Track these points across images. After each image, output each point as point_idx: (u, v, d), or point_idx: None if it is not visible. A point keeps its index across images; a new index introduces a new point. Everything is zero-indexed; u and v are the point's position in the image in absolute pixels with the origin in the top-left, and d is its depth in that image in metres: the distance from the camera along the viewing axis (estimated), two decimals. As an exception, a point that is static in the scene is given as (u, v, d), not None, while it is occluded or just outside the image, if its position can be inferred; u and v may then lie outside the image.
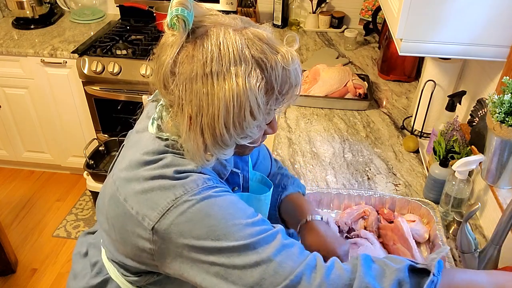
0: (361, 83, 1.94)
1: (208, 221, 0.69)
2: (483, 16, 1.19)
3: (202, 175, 0.74)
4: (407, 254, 1.22)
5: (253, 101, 0.67)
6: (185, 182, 0.72)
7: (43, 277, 2.32)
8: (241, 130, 0.70)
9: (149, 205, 0.72)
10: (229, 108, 0.66)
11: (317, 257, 0.73)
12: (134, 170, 0.76)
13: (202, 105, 0.66)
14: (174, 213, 0.70)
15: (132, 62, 2.37)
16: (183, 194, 0.71)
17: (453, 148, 1.37)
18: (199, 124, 0.68)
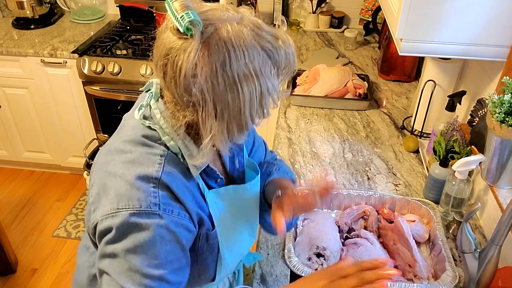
0: (361, 83, 1.94)
1: (123, 246, 0.74)
2: (483, 16, 1.19)
3: (152, 189, 0.75)
4: (407, 254, 1.22)
5: (270, 87, 0.73)
6: (132, 195, 0.74)
7: (43, 277, 2.32)
8: (262, 114, 0.75)
9: (102, 202, 0.77)
10: (252, 99, 0.71)
11: None
12: (108, 157, 0.81)
13: (228, 102, 0.70)
14: (109, 223, 0.75)
15: (132, 62, 2.37)
16: (123, 207, 0.74)
17: (453, 148, 1.37)
18: (225, 119, 0.72)
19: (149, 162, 0.77)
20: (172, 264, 0.77)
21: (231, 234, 0.92)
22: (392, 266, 1.22)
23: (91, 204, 0.80)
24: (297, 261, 1.18)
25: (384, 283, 0.75)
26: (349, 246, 1.27)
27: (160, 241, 0.75)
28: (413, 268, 1.20)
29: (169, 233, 0.75)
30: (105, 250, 0.76)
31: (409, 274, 1.20)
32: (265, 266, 1.19)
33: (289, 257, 1.19)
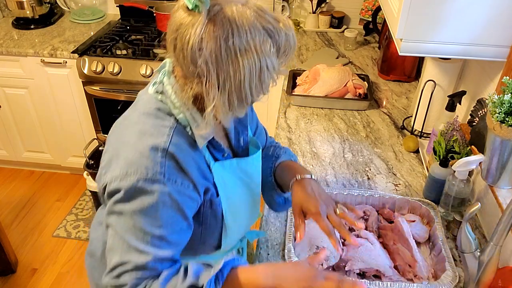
0: (361, 83, 1.94)
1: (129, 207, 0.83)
2: (483, 16, 1.19)
3: (160, 159, 0.82)
4: (407, 254, 1.22)
5: (269, 63, 0.79)
6: (141, 163, 0.82)
7: (43, 277, 2.32)
8: (261, 89, 0.82)
9: (112, 167, 0.85)
10: (252, 72, 0.78)
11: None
12: (123, 127, 0.90)
13: (229, 73, 0.77)
14: (118, 185, 0.83)
15: (132, 62, 2.37)
16: (132, 173, 0.82)
17: (453, 148, 1.37)
18: (227, 90, 0.78)
19: (159, 134, 0.84)
20: (173, 227, 0.85)
21: (234, 203, 0.99)
22: (392, 266, 1.23)
23: (102, 168, 0.89)
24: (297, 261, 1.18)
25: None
26: (349, 246, 1.27)
27: (162, 206, 0.83)
28: (413, 268, 1.20)
29: (171, 200, 0.83)
30: (113, 208, 0.85)
31: (409, 274, 1.20)
32: (265, 266, 1.19)
33: (289, 257, 1.19)
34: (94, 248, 1.12)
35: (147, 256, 0.83)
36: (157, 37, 2.59)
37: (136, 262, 0.83)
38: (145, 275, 0.84)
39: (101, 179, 0.88)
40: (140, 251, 0.83)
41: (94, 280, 1.14)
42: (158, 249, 0.84)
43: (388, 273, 1.19)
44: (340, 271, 1.22)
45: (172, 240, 0.86)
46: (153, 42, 2.54)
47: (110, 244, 0.87)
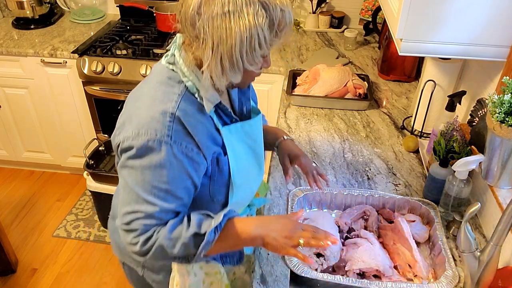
0: (361, 83, 1.94)
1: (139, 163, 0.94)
2: (483, 16, 1.19)
3: (168, 123, 0.91)
4: (407, 254, 1.22)
5: (260, 34, 0.85)
6: (151, 125, 0.91)
7: (43, 277, 2.32)
8: (251, 57, 0.88)
9: (126, 128, 0.95)
10: (243, 39, 0.84)
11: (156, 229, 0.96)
12: (137, 95, 1.00)
13: (223, 37, 0.84)
14: (130, 143, 0.92)
15: (132, 62, 2.37)
16: (143, 133, 0.91)
17: (453, 148, 1.37)
18: (219, 53, 0.86)
19: (168, 100, 0.94)
20: (177, 184, 0.95)
21: (241, 163, 1.08)
22: (392, 266, 1.23)
23: (117, 129, 0.99)
24: (297, 261, 1.18)
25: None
26: (349, 246, 1.27)
27: (168, 165, 0.92)
28: (413, 268, 1.20)
29: (176, 160, 0.93)
30: (126, 163, 0.95)
31: (409, 274, 1.20)
32: (265, 266, 1.19)
33: (289, 257, 1.19)
34: (115, 212, 1.22)
35: (154, 207, 0.94)
36: (157, 37, 2.59)
37: (145, 211, 0.94)
38: (153, 223, 0.95)
39: (115, 138, 0.98)
40: (148, 202, 0.94)
41: (115, 240, 1.24)
42: (164, 201, 0.95)
43: (388, 273, 1.19)
44: (340, 271, 1.22)
45: (177, 195, 0.96)
46: (153, 42, 2.54)
47: (122, 195, 0.98)
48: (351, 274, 1.20)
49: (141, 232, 0.96)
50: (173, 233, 0.95)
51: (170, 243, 0.96)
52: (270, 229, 0.98)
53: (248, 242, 1.01)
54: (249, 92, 1.12)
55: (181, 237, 0.95)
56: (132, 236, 0.97)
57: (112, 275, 2.33)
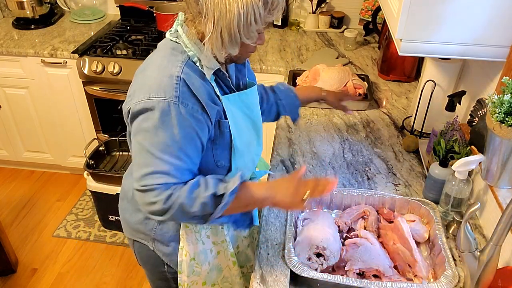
0: (361, 83, 1.94)
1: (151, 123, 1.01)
2: (483, 16, 1.19)
3: (175, 85, 1.00)
4: (407, 254, 1.22)
5: (256, 10, 0.95)
6: (160, 88, 1.00)
7: (43, 277, 2.32)
8: (247, 31, 0.97)
9: (137, 94, 1.03)
10: (240, 14, 0.94)
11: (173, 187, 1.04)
12: (146, 65, 1.08)
13: (222, 12, 0.93)
14: (143, 106, 1.00)
15: (132, 62, 2.37)
16: (154, 96, 1.00)
17: (453, 148, 1.37)
18: (220, 26, 0.95)
19: (173, 66, 1.03)
20: (189, 141, 1.03)
21: (241, 129, 1.15)
22: (392, 266, 1.23)
23: (128, 97, 1.07)
24: (297, 261, 1.18)
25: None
26: (349, 246, 1.27)
27: (179, 124, 1.01)
28: (413, 268, 1.20)
29: (184, 120, 1.01)
30: (140, 127, 1.02)
31: (409, 274, 1.20)
32: (265, 266, 1.20)
33: (289, 257, 1.19)
34: (126, 191, 1.30)
35: (170, 165, 1.02)
36: (157, 37, 2.59)
37: (162, 170, 1.01)
38: (170, 181, 1.03)
39: (127, 105, 1.06)
40: (164, 160, 1.01)
41: (126, 219, 1.31)
42: (178, 159, 1.02)
43: (388, 273, 1.19)
44: (340, 271, 1.22)
45: (189, 153, 1.04)
46: (153, 42, 2.54)
47: (138, 159, 1.04)
48: (351, 274, 1.20)
49: (161, 191, 1.02)
50: (193, 193, 1.04)
51: (190, 202, 1.03)
52: (278, 190, 1.10)
53: (259, 203, 1.14)
54: (244, 70, 1.22)
55: (200, 196, 1.04)
56: (152, 195, 1.03)
57: (112, 275, 2.33)
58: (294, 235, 1.29)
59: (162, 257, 1.28)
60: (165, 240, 1.26)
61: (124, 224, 1.34)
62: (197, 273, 1.29)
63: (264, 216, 1.35)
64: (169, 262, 1.29)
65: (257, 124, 1.23)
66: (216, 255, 1.31)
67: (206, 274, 1.31)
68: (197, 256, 1.26)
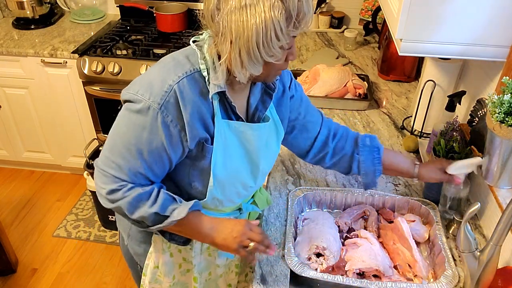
0: (361, 83, 1.94)
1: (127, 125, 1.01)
2: (483, 16, 1.19)
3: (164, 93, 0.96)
4: (407, 254, 1.22)
5: (277, 25, 0.87)
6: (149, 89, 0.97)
7: (43, 277, 2.32)
8: (268, 49, 0.90)
9: (132, 86, 1.01)
10: (259, 32, 0.86)
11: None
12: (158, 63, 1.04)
13: (240, 30, 0.87)
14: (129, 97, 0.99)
15: (132, 62, 2.37)
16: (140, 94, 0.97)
17: (453, 148, 1.37)
18: (238, 45, 0.89)
19: (174, 73, 0.98)
20: (152, 150, 0.99)
21: (230, 161, 1.08)
22: (392, 266, 1.23)
23: (129, 84, 1.03)
24: (297, 261, 1.18)
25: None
26: (349, 246, 1.27)
27: (149, 129, 0.97)
28: (413, 268, 1.20)
29: (157, 128, 0.97)
30: (121, 112, 1.02)
31: (409, 274, 1.20)
32: (265, 266, 1.20)
33: (289, 257, 1.19)
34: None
35: (126, 163, 1.00)
36: (157, 37, 2.60)
37: (117, 164, 1.00)
38: (121, 177, 1.01)
39: (124, 91, 1.03)
40: (122, 155, 1.00)
41: (120, 218, 1.27)
42: (135, 160, 0.99)
43: (388, 273, 1.19)
44: (340, 271, 1.22)
45: (150, 162, 1.01)
46: (153, 42, 2.54)
47: (109, 138, 1.03)
48: (351, 274, 1.20)
49: (110, 181, 1.01)
50: (138, 203, 1.02)
51: (131, 209, 1.02)
52: (220, 231, 1.06)
53: (200, 239, 1.11)
54: (269, 102, 1.12)
55: (142, 209, 1.02)
56: (102, 181, 1.03)
57: (112, 275, 2.33)
58: (294, 235, 1.29)
59: (133, 255, 1.28)
60: (138, 240, 1.25)
61: (119, 221, 1.33)
62: (159, 282, 1.28)
63: (264, 216, 1.35)
64: (139, 262, 1.29)
65: (254, 160, 1.13)
66: (185, 272, 1.28)
67: (168, 286, 1.29)
68: (161, 266, 1.25)
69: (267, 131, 1.13)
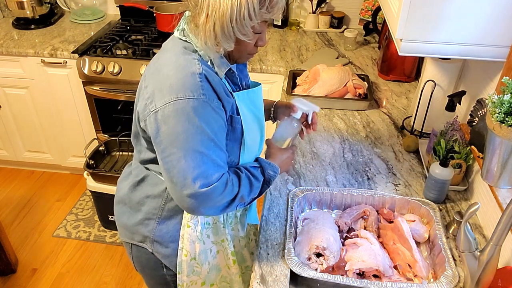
0: (361, 83, 1.94)
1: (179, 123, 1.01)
2: (483, 16, 1.19)
3: (200, 83, 1.00)
4: (407, 254, 1.22)
5: (250, 5, 0.95)
6: (186, 88, 0.99)
7: (43, 277, 2.32)
8: (241, 26, 0.97)
9: (158, 96, 1.02)
10: (233, 8, 0.94)
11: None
12: (159, 66, 1.06)
13: (216, 5, 0.94)
14: (173, 109, 0.99)
15: (132, 62, 2.37)
16: (181, 97, 0.99)
17: (453, 148, 1.37)
18: (213, 19, 0.96)
19: (191, 64, 1.02)
20: (222, 133, 1.06)
21: (249, 125, 1.16)
22: (392, 266, 1.23)
23: (148, 99, 1.05)
24: (297, 261, 1.18)
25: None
26: (349, 246, 1.27)
27: (212, 120, 1.02)
28: (413, 268, 1.20)
29: (216, 113, 1.03)
30: (176, 129, 1.00)
31: (409, 274, 1.20)
32: (265, 266, 1.20)
33: (289, 257, 1.19)
34: (122, 195, 1.30)
35: (218, 158, 1.04)
36: (157, 37, 2.59)
37: (213, 165, 1.03)
38: (223, 172, 1.05)
39: (147, 108, 1.05)
40: (213, 156, 1.03)
41: (123, 223, 1.30)
42: (222, 151, 1.06)
43: (388, 273, 1.19)
44: (340, 271, 1.22)
45: (223, 144, 1.07)
46: (153, 42, 2.54)
47: (183, 165, 1.01)
48: (351, 274, 1.20)
49: (221, 185, 1.04)
50: (248, 186, 1.11)
51: (250, 194, 1.12)
52: (282, 166, 1.24)
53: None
54: (246, 70, 1.24)
55: (255, 188, 1.13)
56: (217, 194, 1.04)
57: (112, 275, 2.33)
58: (294, 235, 1.29)
59: (161, 259, 1.27)
60: (165, 241, 1.25)
61: (122, 229, 1.32)
62: (197, 273, 1.29)
63: (264, 216, 1.35)
64: (168, 264, 1.27)
65: (261, 122, 1.24)
66: (216, 254, 1.31)
67: (206, 274, 1.30)
68: (198, 256, 1.26)
69: (261, 93, 1.25)
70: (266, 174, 1.16)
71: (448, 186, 1.36)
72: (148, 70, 1.11)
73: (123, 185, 1.31)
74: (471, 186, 1.44)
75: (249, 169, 1.13)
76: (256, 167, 1.15)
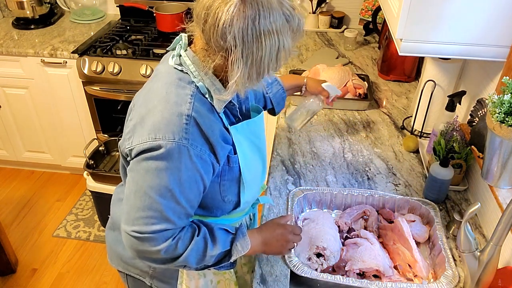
0: (361, 83, 1.94)
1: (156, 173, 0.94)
2: (483, 16, 1.19)
3: (185, 126, 0.92)
4: (407, 254, 1.22)
5: (286, 46, 0.93)
6: (168, 129, 0.91)
7: (43, 277, 2.32)
8: (276, 66, 0.94)
9: (138, 132, 0.95)
10: (271, 52, 0.89)
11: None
12: (147, 97, 0.98)
13: (253, 50, 0.88)
14: (147, 146, 0.92)
15: (132, 62, 2.37)
16: (160, 137, 0.91)
17: (453, 148, 1.37)
18: (248, 64, 0.89)
19: (182, 101, 0.94)
20: (191, 186, 0.96)
21: (249, 161, 1.10)
22: (392, 266, 1.23)
23: (127, 133, 0.99)
24: (297, 261, 1.18)
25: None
26: (349, 246, 1.27)
27: (184, 168, 0.94)
28: (413, 268, 1.20)
29: (192, 163, 0.94)
30: (139, 166, 0.94)
31: (409, 274, 1.20)
32: (265, 266, 1.20)
33: (289, 257, 1.19)
34: (115, 221, 1.21)
35: (168, 211, 0.95)
36: (157, 37, 2.59)
37: (159, 215, 0.94)
38: (168, 228, 0.96)
39: (125, 143, 0.99)
40: (163, 205, 0.94)
41: (117, 252, 1.21)
42: (178, 205, 0.96)
43: (388, 273, 1.19)
44: (340, 271, 1.22)
45: (190, 197, 0.98)
46: (153, 42, 2.54)
47: (133, 200, 0.96)
48: (351, 274, 1.20)
49: (159, 238, 0.96)
50: (199, 252, 1.01)
51: (196, 261, 1.01)
52: (270, 244, 1.12)
53: (251, 253, 1.14)
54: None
55: (208, 256, 1.02)
56: (149, 245, 0.96)
57: (112, 275, 2.33)
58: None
59: None
60: (166, 277, 1.19)
61: (114, 257, 1.23)
62: None
63: (264, 216, 1.35)
64: None
65: (262, 151, 1.17)
66: (216, 285, 1.26)
67: None
68: None
69: (263, 119, 1.20)
70: (233, 246, 1.05)
71: (448, 186, 1.36)
72: (137, 100, 1.03)
73: (115, 210, 1.23)
74: (471, 186, 1.44)
75: (215, 233, 1.04)
76: (229, 233, 1.06)
